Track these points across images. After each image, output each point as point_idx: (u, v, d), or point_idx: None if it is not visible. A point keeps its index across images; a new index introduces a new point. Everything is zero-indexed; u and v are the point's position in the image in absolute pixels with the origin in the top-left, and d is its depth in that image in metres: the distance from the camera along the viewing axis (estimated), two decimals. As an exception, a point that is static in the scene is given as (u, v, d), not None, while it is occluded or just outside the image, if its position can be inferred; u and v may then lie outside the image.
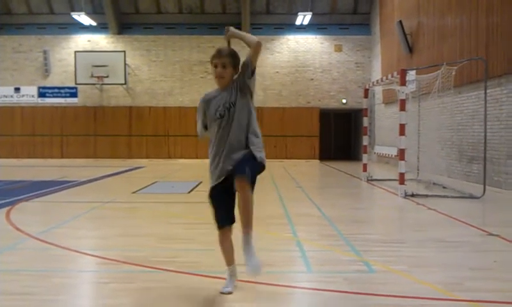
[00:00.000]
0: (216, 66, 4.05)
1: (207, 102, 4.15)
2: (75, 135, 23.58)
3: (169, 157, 23.33)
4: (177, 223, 7.44)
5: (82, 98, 23.63)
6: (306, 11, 21.73)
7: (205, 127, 4.20)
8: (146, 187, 12.28)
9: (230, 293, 4.15)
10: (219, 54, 4.06)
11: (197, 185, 12.38)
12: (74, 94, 23.57)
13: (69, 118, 23.68)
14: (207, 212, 4.21)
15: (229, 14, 23.48)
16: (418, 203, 9.42)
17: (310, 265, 5.09)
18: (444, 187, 11.60)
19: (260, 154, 4.03)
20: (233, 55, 4.09)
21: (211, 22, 23.45)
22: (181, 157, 23.05)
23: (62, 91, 23.61)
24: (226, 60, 4.04)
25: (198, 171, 16.15)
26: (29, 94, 23.64)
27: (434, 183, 11.88)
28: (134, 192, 11.21)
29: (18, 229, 6.81)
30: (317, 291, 4.30)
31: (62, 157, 23.41)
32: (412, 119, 12.86)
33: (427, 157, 12.86)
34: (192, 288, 4.33)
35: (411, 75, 12.68)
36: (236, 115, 4.01)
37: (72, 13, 21.69)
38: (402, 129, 10.57)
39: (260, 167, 4.07)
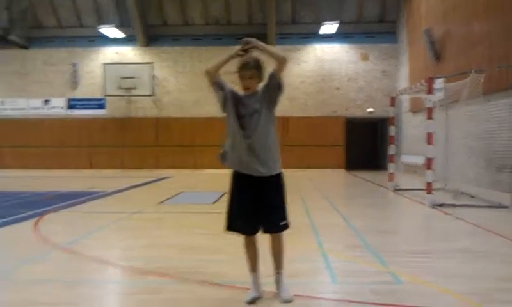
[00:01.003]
0: (242, 78, 4.10)
1: (231, 93, 4.25)
2: (103, 146, 23.88)
3: (196, 168, 23.44)
4: (202, 234, 7.47)
5: (110, 109, 23.93)
6: (333, 20, 21.68)
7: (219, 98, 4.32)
8: (172, 197, 12.36)
9: (252, 302, 4.14)
10: (245, 66, 4.13)
11: (222, 196, 12.41)
12: (102, 106, 23.89)
13: (97, 129, 24.00)
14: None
15: (255, 24, 23.57)
16: (445, 213, 9.29)
17: (336, 276, 5.05)
18: (472, 197, 11.43)
19: (280, 170, 4.23)
20: (259, 67, 4.17)
21: (237, 32, 23.51)
22: (207, 168, 23.14)
23: (90, 102, 23.96)
24: (253, 72, 4.13)
25: (224, 182, 16.20)
26: (58, 106, 24.05)
27: (462, 193, 11.70)
28: (160, 203, 11.29)
29: (46, 240, 6.92)
30: (342, 302, 4.26)
31: (90, 167, 23.70)
32: (439, 128, 12.72)
33: (454, 166, 12.68)
34: (217, 299, 4.33)
35: (439, 83, 12.53)
36: (258, 122, 4.10)
37: (101, 26, 22.04)
38: (429, 138, 10.46)
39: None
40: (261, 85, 4.19)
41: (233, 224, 4.22)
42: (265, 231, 4.25)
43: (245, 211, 4.16)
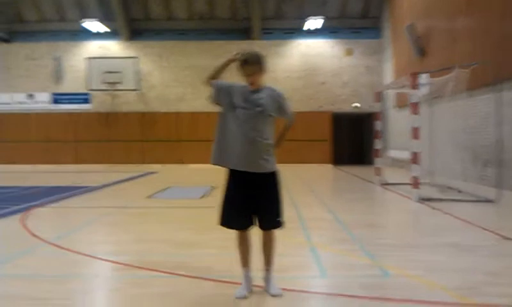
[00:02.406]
0: (246, 75, 4.14)
1: (237, 87, 4.25)
2: (88, 141, 23.73)
3: (182, 162, 23.39)
4: (190, 228, 7.46)
5: (95, 104, 23.76)
6: (317, 15, 21.71)
7: (216, 99, 4.29)
8: (159, 192, 12.32)
9: (244, 297, 4.16)
10: (246, 63, 4.14)
11: (209, 190, 12.40)
12: (87, 101, 23.72)
13: (82, 123, 23.83)
14: (218, 217, 4.24)
15: (239, 19, 23.53)
16: (433, 207, 9.37)
17: (324, 270, 5.08)
18: (459, 191, 11.53)
19: (276, 167, 4.30)
20: (261, 61, 4.21)
21: (221, 27, 23.53)
22: (193, 162, 23.09)
23: (75, 97, 23.77)
24: (255, 68, 4.16)
25: (210, 176, 16.17)
26: (42, 101, 23.82)
27: (448, 187, 11.80)
28: (147, 197, 11.25)
29: (33, 234, 6.86)
30: (331, 296, 4.29)
31: (76, 162, 23.54)
32: (425, 123, 12.79)
33: (441, 161, 12.78)
34: (206, 294, 4.33)
35: (423, 78, 12.61)
36: (259, 119, 4.14)
37: (83, 20, 21.85)
38: (415, 132, 10.52)
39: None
40: (272, 95, 4.23)
41: (227, 219, 4.23)
42: (261, 228, 4.28)
43: (239, 207, 4.18)
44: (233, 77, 4.32)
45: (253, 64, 4.13)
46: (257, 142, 4.12)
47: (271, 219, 4.24)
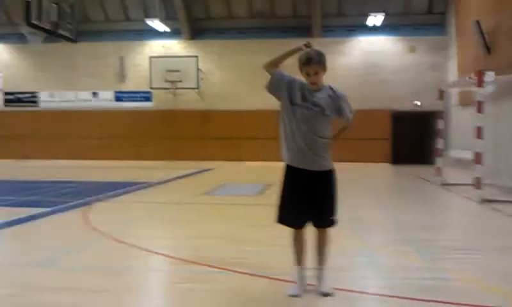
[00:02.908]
0: (307, 74, 4.10)
1: (298, 83, 4.19)
2: (149, 138, 24.26)
3: (240, 160, 23.53)
4: (246, 225, 7.50)
5: (156, 102, 24.24)
6: (379, 11, 21.30)
7: (275, 89, 4.27)
8: (216, 188, 12.45)
9: (297, 295, 4.14)
10: (309, 62, 4.10)
11: (266, 188, 12.43)
12: (149, 99, 24.24)
13: (144, 121, 24.39)
14: (274, 215, 4.22)
15: (300, 17, 23.44)
16: (495, 209, 9.03)
17: (380, 271, 4.99)
18: (523, 193, 11.09)
19: (333, 166, 4.30)
20: (321, 61, 4.16)
21: (282, 25, 23.49)
22: (251, 160, 23.20)
23: (137, 95, 24.35)
24: (318, 67, 4.12)
25: (267, 174, 16.22)
26: (106, 99, 24.53)
27: (512, 189, 11.36)
28: (204, 194, 11.39)
29: (94, 228, 7.08)
30: (388, 298, 4.20)
31: (137, 159, 24.10)
32: (490, 122, 12.36)
33: (505, 161, 12.30)
34: (261, 290, 4.35)
35: (489, 76, 12.18)
36: (320, 118, 4.12)
37: (146, 20, 22.35)
38: (479, 132, 10.18)
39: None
40: (332, 96, 4.19)
41: (284, 216, 4.23)
42: (315, 226, 4.27)
43: (297, 204, 4.17)
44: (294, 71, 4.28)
45: (315, 64, 4.08)
46: (316, 141, 4.10)
47: (326, 217, 4.22)
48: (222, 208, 9.41)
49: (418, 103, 22.86)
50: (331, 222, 4.24)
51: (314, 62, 4.07)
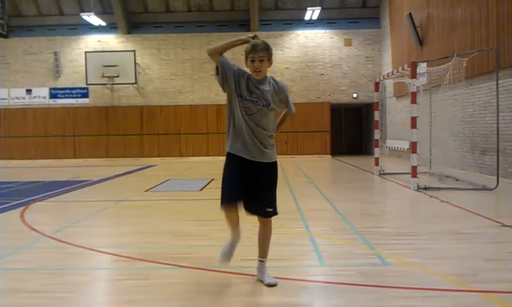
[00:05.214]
0: (252, 61, 4.10)
1: (242, 74, 4.17)
2: (87, 136, 23.72)
3: (181, 155, 23.40)
4: (190, 220, 7.48)
5: (93, 98, 23.75)
6: (315, 5, 21.61)
7: (222, 76, 4.18)
8: (158, 185, 12.33)
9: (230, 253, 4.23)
10: (255, 48, 4.10)
11: (208, 183, 12.41)
12: (85, 95, 23.70)
13: (81, 118, 23.82)
14: (219, 209, 4.21)
15: (238, 11, 23.47)
16: (431, 196, 9.38)
17: (323, 259, 5.08)
18: (457, 180, 11.54)
19: (276, 158, 4.33)
20: (268, 49, 4.17)
21: (220, 19, 23.47)
22: (192, 155, 23.12)
23: (73, 91, 23.75)
24: (264, 54, 4.11)
25: (209, 169, 16.18)
26: (40, 96, 23.80)
27: (447, 176, 11.80)
28: (146, 191, 11.26)
29: (32, 228, 6.87)
30: (330, 284, 4.30)
31: (74, 157, 23.56)
32: (424, 112, 12.79)
33: (439, 150, 12.78)
34: (206, 284, 4.35)
35: (422, 67, 12.59)
36: (265, 110, 4.12)
37: (82, 14, 21.78)
38: (413, 122, 10.52)
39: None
40: (275, 88, 4.19)
41: (223, 195, 4.14)
42: (253, 213, 4.24)
43: (236, 180, 4.13)
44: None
45: (261, 51, 4.10)
46: (262, 134, 4.12)
47: (265, 207, 4.22)
48: (166, 204, 9.33)
49: (355, 95, 23.37)
50: (270, 213, 4.26)
51: (260, 49, 4.09)
